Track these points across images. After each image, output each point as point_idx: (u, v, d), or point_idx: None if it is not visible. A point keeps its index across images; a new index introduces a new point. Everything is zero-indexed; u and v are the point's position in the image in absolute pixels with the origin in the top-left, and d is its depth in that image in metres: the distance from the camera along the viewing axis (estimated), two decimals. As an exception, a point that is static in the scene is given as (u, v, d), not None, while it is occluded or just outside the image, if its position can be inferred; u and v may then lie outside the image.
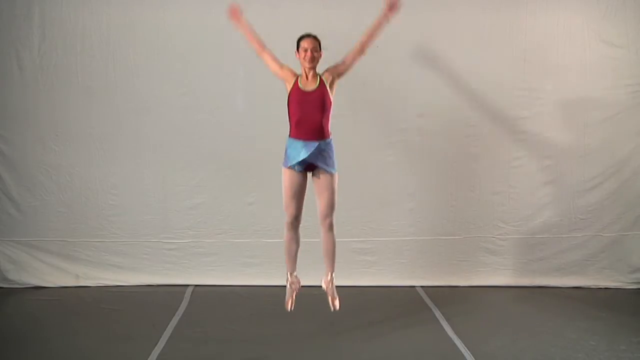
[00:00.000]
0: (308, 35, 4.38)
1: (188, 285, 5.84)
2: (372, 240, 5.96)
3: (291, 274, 4.64)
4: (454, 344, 4.59)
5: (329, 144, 4.41)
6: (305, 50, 4.33)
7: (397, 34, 5.79)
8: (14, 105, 5.71)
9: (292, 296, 4.60)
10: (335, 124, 5.78)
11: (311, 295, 4.51)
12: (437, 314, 5.22)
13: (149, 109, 5.78)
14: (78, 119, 5.75)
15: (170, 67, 5.75)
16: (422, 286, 5.89)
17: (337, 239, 5.61)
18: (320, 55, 4.38)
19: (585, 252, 6.00)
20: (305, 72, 4.40)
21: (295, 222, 4.45)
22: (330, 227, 4.45)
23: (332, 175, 4.40)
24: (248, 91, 5.81)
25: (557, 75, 5.87)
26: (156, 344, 4.52)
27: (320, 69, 4.52)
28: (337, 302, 4.59)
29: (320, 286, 4.67)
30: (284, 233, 4.53)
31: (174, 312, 5.18)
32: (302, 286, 4.71)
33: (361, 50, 4.50)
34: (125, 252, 5.89)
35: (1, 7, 5.62)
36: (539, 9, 5.80)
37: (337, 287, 5.55)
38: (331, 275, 4.59)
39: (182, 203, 5.88)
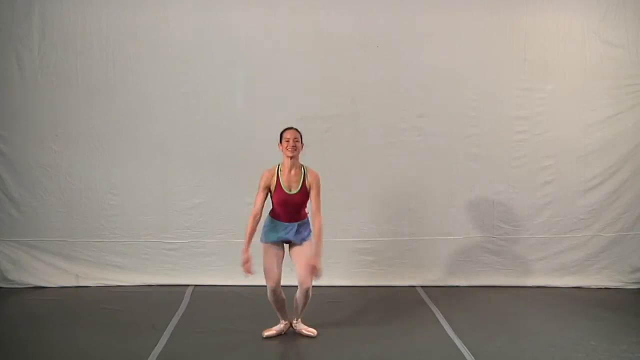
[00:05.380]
0: (290, 128, 4.57)
1: (188, 285, 5.84)
2: (372, 240, 5.96)
3: (283, 320, 4.75)
4: (454, 344, 4.59)
5: (305, 222, 4.62)
6: (287, 141, 4.50)
7: (397, 34, 5.82)
8: (14, 105, 5.71)
9: (276, 331, 4.72)
10: (335, 123, 5.84)
11: (311, 296, 4.50)
12: (437, 314, 5.22)
13: (149, 109, 5.79)
14: (78, 119, 5.75)
15: (170, 67, 5.76)
16: (422, 286, 5.89)
17: (337, 239, 5.73)
18: (302, 146, 4.55)
19: (585, 252, 6.01)
20: (287, 164, 4.52)
21: (277, 288, 4.50)
22: (307, 292, 4.50)
23: (308, 243, 4.56)
24: (248, 91, 5.81)
25: (557, 75, 5.87)
26: (156, 344, 4.51)
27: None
28: (312, 329, 4.74)
29: (321, 286, 4.66)
30: (269, 296, 4.56)
31: (174, 312, 5.18)
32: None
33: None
34: (125, 252, 5.89)
35: (1, 7, 5.62)
36: (539, 10, 5.82)
37: (337, 287, 5.62)
38: (298, 320, 4.76)
39: (182, 203, 5.88)
